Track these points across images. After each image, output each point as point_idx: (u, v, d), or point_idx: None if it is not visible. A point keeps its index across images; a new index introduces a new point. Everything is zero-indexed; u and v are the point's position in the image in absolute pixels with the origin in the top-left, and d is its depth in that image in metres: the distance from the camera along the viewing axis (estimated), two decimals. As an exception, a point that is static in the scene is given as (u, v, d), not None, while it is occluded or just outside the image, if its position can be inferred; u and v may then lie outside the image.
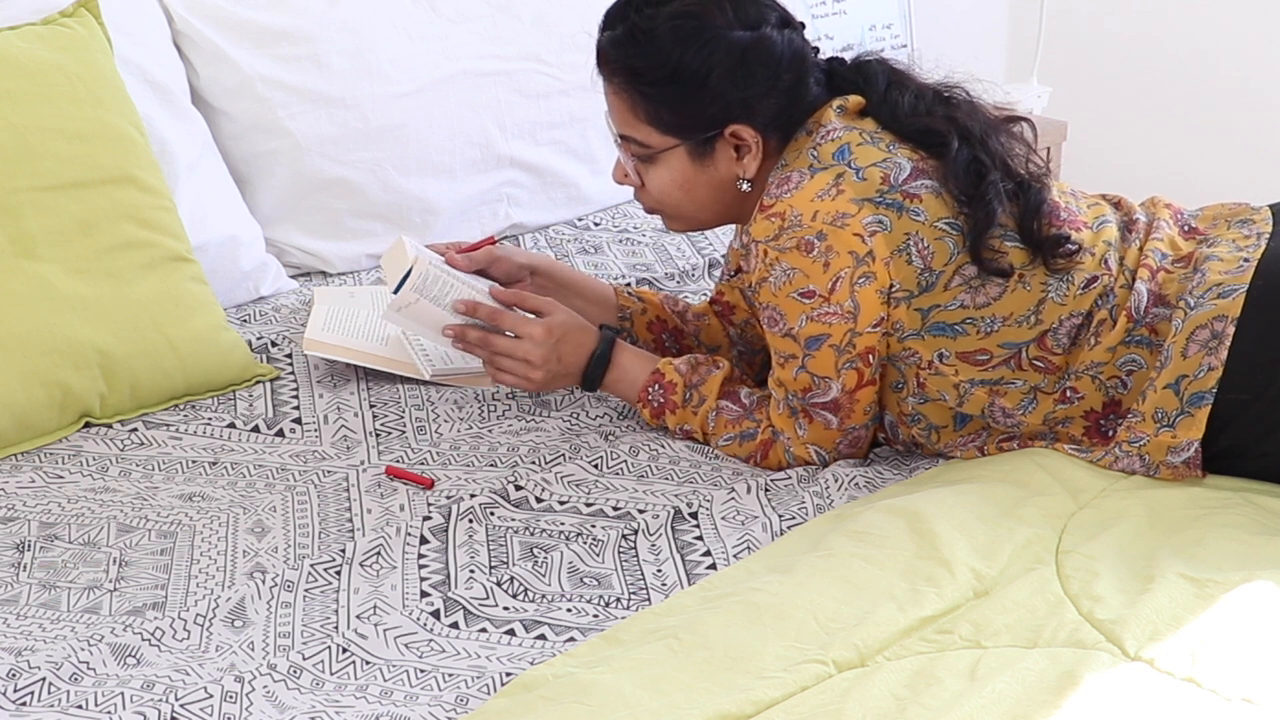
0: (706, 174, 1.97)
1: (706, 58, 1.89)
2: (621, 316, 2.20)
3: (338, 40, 2.59)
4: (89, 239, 2.10)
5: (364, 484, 1.94)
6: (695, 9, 1.90)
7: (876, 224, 1.85)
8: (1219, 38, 3.62)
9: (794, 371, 1.90)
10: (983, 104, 1.97)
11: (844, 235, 1.84)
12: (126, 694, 1.53)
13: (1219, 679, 1.45)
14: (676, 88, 1.91)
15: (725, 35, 1.89)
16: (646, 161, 1.98)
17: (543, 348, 2.01)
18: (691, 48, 1.89)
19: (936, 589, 1.61)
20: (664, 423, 2.01)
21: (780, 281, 1.87)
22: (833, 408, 1.91)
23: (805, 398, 1.91)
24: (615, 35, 1.94)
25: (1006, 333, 1.87)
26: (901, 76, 1.96)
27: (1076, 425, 1.88)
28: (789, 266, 1.86)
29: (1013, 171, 1.90)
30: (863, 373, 1.89)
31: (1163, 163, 3.69)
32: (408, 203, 2.63)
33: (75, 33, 2.23)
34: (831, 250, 1.85)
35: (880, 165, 1.87)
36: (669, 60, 1.90)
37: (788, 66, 1.92)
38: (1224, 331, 1.80)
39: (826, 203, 1.85)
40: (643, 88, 1.93)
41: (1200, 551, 1.67)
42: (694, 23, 1.90)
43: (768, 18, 1.92)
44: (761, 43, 1.90)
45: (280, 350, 2.28)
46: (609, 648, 1.55)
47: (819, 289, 1.86)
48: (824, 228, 1.84)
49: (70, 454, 2.02)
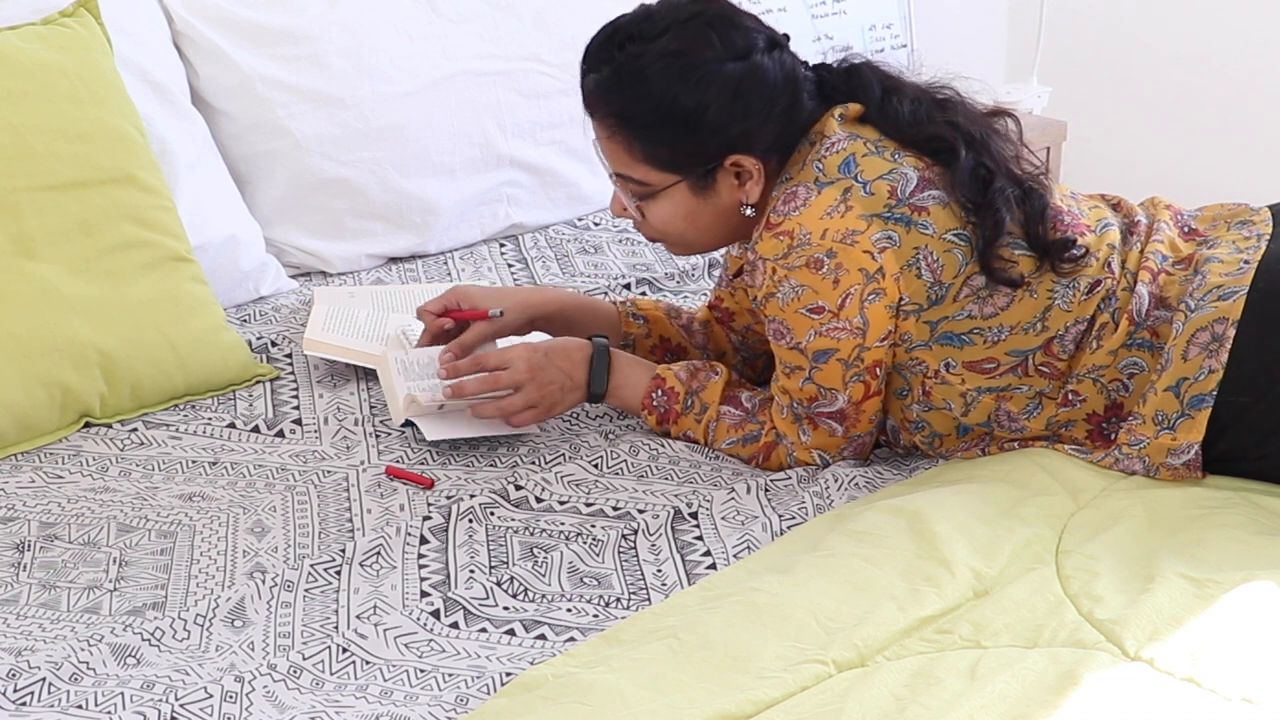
0: (709, 204, 1.94)
1: (701, 95, 1.85)
2: (624, 344, 2.17)
3: (338, 40, 2.59)
4: (89, 239, 2.10)
5: (364, 484, 1.94)
6: (683, 45, 1.86)
7: (886, 239, 1.84)
8: (1219, 38, 3.62)
9: (800, 382, 1.90)
10: (973, 102, 1.96)
11: (853, 253, 1.83)
12: (126, 694, 1.53)
13: (1219, 679, 1.45)
14: (672, 128, 1.87)
15: (717, 70, 1.85)
16: (647, 199, 1.94)
17: (528, 363, 1.97)
18: (684, 87, 1.85)
19: (936, 589, 1.61)
20: (668, 429, 2.01)
21: (789, 298, 1.86)
22: (838, 417, 1.90)
23: (811, 407, 1.91)
24: (602, 79, 1.90)
25: (1014, 341, 1.86)
26: (895, 82, 1.95)
27: (1079, 428, 1.88)
28: (798, 283, 1.85)
29: (1016, 176, 1.89)
30: (869, 385, 1.89)
31: (1163, 163, 3.69)
32: (408, 203, 2.63)
33: (75, 33, 2.24)
34: (841, 267, 1.83)
35: (887, 178, 1.85)
36: (662, 102, 1.86)
37: (782, 90, 1.89)
38: (1224, 334, 1.80)
39: (835, 220, 1.84)
40: (637, 130, 1.89)
41: (1200, 551, 1.66)
42: (684, 60, 1.85)
43: (756, 44, 1.89)
44: (754, 72, 1.87)
45: (280, 350, 2.28)
46: (609, 648, 1.55)
47: (828, 305, 1.84)
48: (833, 245, 1.83)
49: (70, 454, 2.02)
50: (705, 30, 1.86)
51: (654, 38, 1.86)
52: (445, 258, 2.67)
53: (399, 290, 2.46)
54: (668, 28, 1.86)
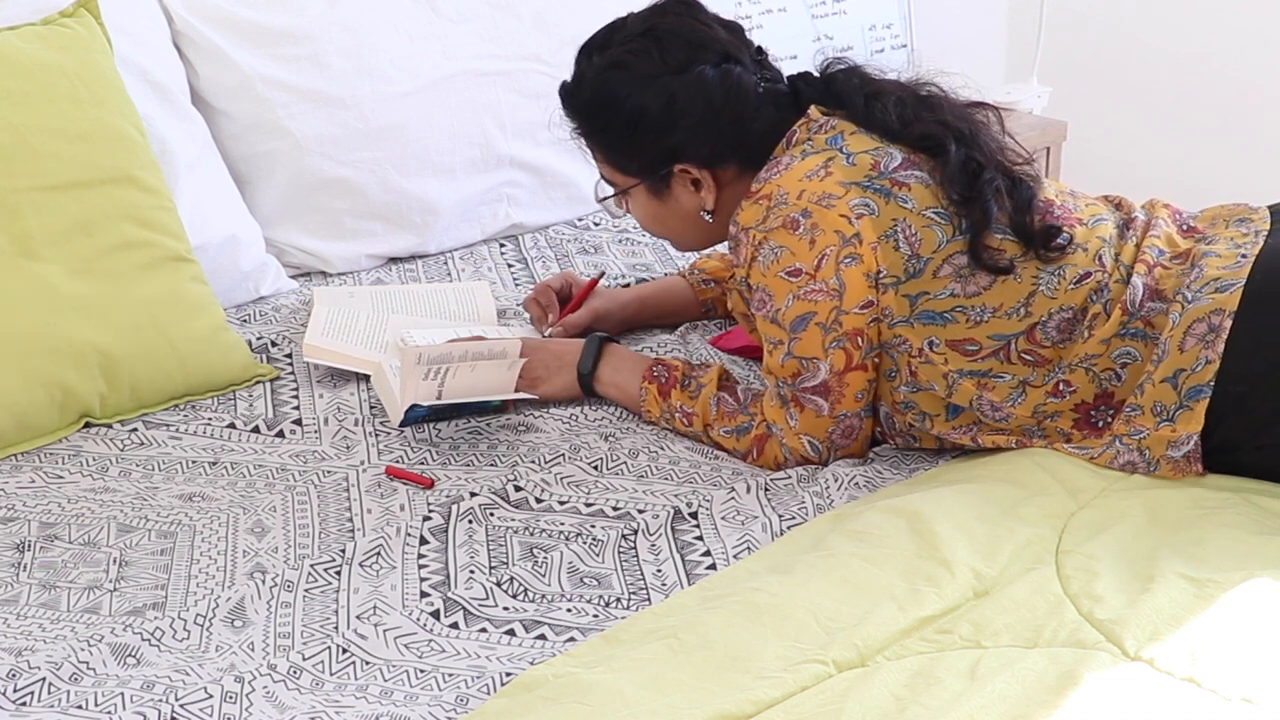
0: (670, 208, 2.06)
1: (635, 105, 1.97)
2: (706, 309, 2.34)
3: (338, 40, 2.59)
4: (89, 239, 2.10)
5: (364, 484, 1.94)
6: (624, 57, 1.99)
7: (864, 207, 1.87)
8: (1219, 38, 3.62)
9: (781, 358, 1.92)
10: (955, 96, 2.00)
11: (829, 215, 1.87)
12: (126, 694, 1.53)
13: (1219, 679, 1.45)
14: (617, 135, 2.02)
15: (652, 81, 1.96)
16: (621, 196, 2.08)
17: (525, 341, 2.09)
18: (619, 96, 1.98)
19: (936, 589, 1.61)
20: (669, 402, 2.02)
21: (769, 260, 1.90)
22: (822, 391, 1.91)
23: (795, 383, 1.92)
24: (565, 86, 2.05)
25: (996, 324, 1.87)
26: (877, 86, 1.99)
27: (1065, 418, 1.88)
28: (776, 245, 1.89)
29: (1005, 167, 1.92)
30: (851, 354, 1.90)
31: (1163, 163, 3.69)
32: (408, 203, 2.63)
33: (75, 33, 2.24)
34: (817, 228, 1.87)
35: (872, 153, 1.91)
36: (601, 111, 2.01)
37: (725, 102, 1.97)
38: (1221, 325, 1.80)
39: (814, 183, 1.89)
40: (594, 135, 2.05)
41: (1200, 551, 1.66)
42: (620, 73, 1.98)
43: (700, 58, 1.97)
44: (691, 84, 1.96)
45: (280, 350, 2.28)
46: (609, 648, 1.55)
47: (805, 266, 1.88)
48: (809, 206, 1.87)
49: (70, 454, 2.02)
50: (650, 44, 1.98)
51: (606, 49, 2.01)
52: (445, 258, 2.67)
53: (399, 290, 2.46)
54: (621, 40, 2.00)
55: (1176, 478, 1.80)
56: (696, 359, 2.22)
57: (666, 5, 2.04)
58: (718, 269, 2.34)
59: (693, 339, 2.29)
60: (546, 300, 2.33)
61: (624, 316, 2.32)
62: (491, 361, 2.02)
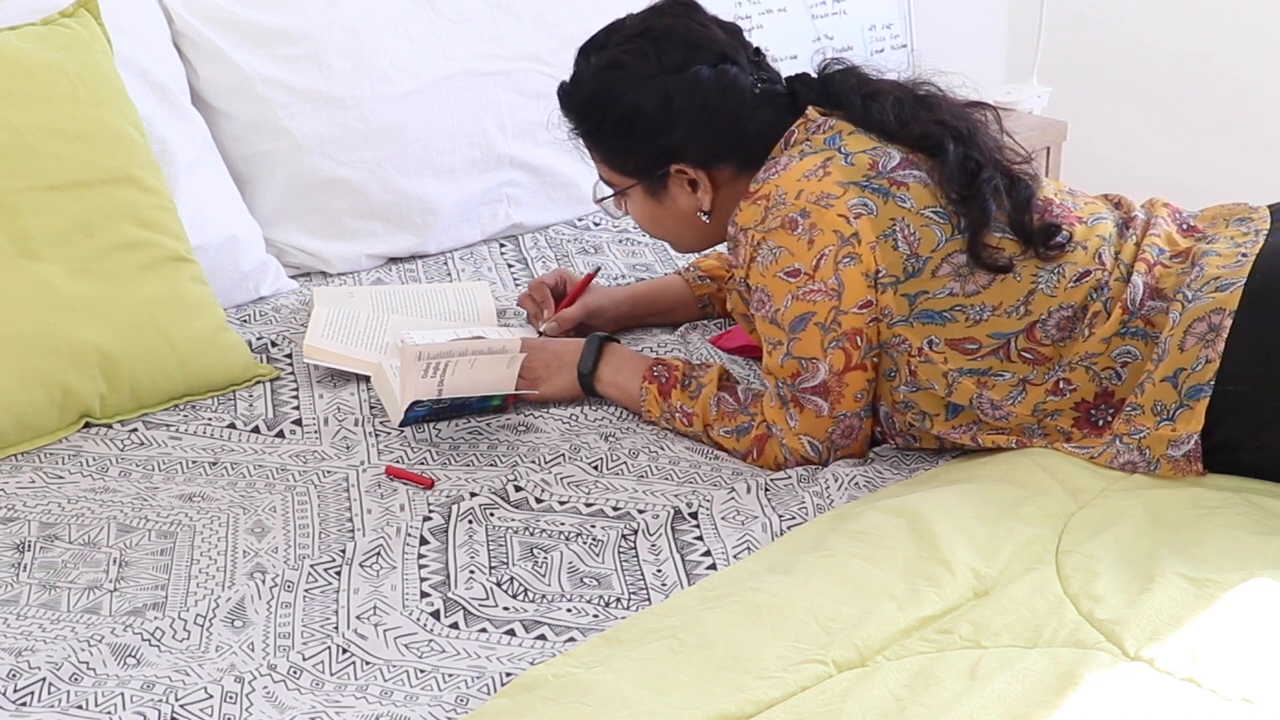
0: (667, 209, 2.06)
1: (630, 105, 1.98)
2: (703, 306, 2.34)
3: (338, 40, 2.59)
4: (89, 239, 2.10)
5: (364, 484, 1.94)
6: (621, 58, 1.99)
7: (862, 207, 1.87)
8: (1219, 38, 3.62)
9: (780, 358, 1.92)
10: (953, 96, 2.00)
11: (828, 214, 1.87)
12: (126, 694, 1.53)
13: (1219, 679, 1.45)
14: (613, 135, 2.03)
15: (648, 81, 1.97)
16: (619, 197, 2.08)
17: (526, 341, 2.09)
18: (615, 96, 1.98)
19: (936, 589, 1.61)
20: (669, 402, 2.02)
21: (767, 261, 1.90)
22: (822, 391, 1.91)
23: (794, 384, 1.92)
24: (563, 84, 2.06)
25: (995, 323, 1.88)
26: (874, 87, 1.99)
27: (1066, 417, 1.88)
28: (775, 245, 1.89)
29: (1003, 166, 1.93)
30: (850, 355, 1.90)
31: (1163, 163, 3.69)
32: (408, 203, 2.63)
33: (75, 33, 2.24)
34: (815, 228, 1.87)
35: (870, 153, 1.91)
36: (598, 110, 2.01)
37: (721, 102, 1.97)
38: (1221, 324, 1.80)
39: (812, 183, 1.89)
40: (590, 135, 2.05)
41: (1200, 551, 1.66)
42: (617, 73, 1.99)
43: (696, 58, 1.98)
44: (686, 84, 1.96)
45: (280, 350, 2.28)
46: (609, 648, 1.55)
47: (804, 267, 1.88)
48: (807, 205, 1.87)
49: (70, 454, 2.02)
50: (647, 44, 1.99)
51: (603, 50, 2.01)
52: (445, 258, 2.67)
53: (399, 290, 2.46)
54: (619, 41, 2.01)
55: (1176, 477, 1.80)
56: (697, 359, 2.22)
57: (665, 6, 2.04)
58: (715, 267, 2.34)
59: (693, 339, 2.29)
60: (541, 296, 2.33)
61: (618, 313, 2.32)
62: (491, 357, 2.03)
